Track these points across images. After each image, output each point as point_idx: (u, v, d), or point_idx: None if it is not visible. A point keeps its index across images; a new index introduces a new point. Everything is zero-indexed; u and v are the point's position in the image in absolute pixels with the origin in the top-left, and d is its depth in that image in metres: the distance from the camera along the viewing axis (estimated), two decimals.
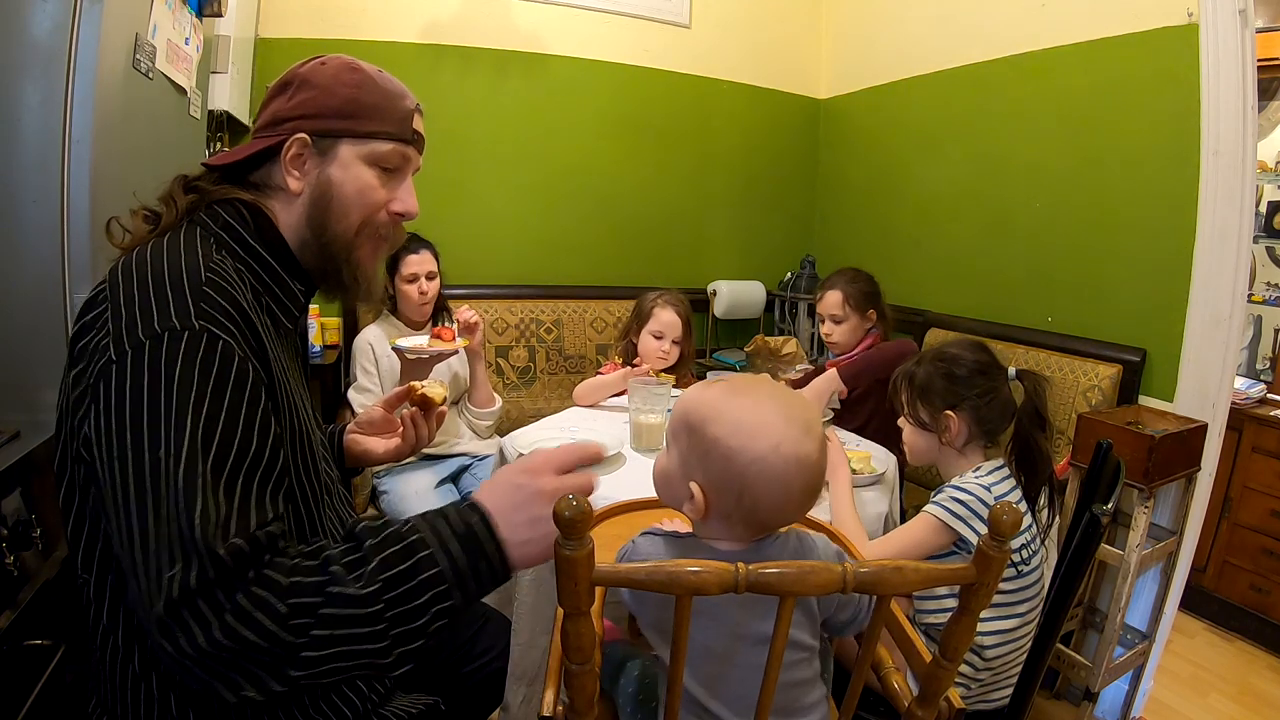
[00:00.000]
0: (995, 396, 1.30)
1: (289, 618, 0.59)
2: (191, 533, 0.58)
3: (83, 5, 1.00)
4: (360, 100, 0.81)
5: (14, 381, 1.00)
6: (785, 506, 0.75)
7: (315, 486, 0.81)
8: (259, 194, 0.82)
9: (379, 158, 0.82)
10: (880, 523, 1.42)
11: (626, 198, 2.82)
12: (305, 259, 0.84)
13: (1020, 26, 2.20)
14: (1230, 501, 2.37)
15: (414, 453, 1.11)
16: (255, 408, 0.67)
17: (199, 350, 0.64)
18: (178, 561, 0.58)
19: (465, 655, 1.15)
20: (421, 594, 0.64)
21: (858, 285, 2.00)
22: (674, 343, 1.97)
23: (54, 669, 0.89)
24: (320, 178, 0.81)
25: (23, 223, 1.01)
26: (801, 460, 0.73)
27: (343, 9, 2.34)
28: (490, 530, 0.68)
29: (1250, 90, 1.63)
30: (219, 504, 0.61)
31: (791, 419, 0.74)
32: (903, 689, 0.89)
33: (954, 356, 1.34)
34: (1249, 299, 2.17)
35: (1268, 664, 2.20)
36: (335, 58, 0.82)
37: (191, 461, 0.61)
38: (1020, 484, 1.29)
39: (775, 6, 2.97)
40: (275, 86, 0.83)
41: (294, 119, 0.80)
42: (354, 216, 0.82)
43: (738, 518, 0.76)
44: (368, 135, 0.81)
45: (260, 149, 0.80)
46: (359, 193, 0.82)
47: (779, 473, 0.72)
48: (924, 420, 1.34)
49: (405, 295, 2.00)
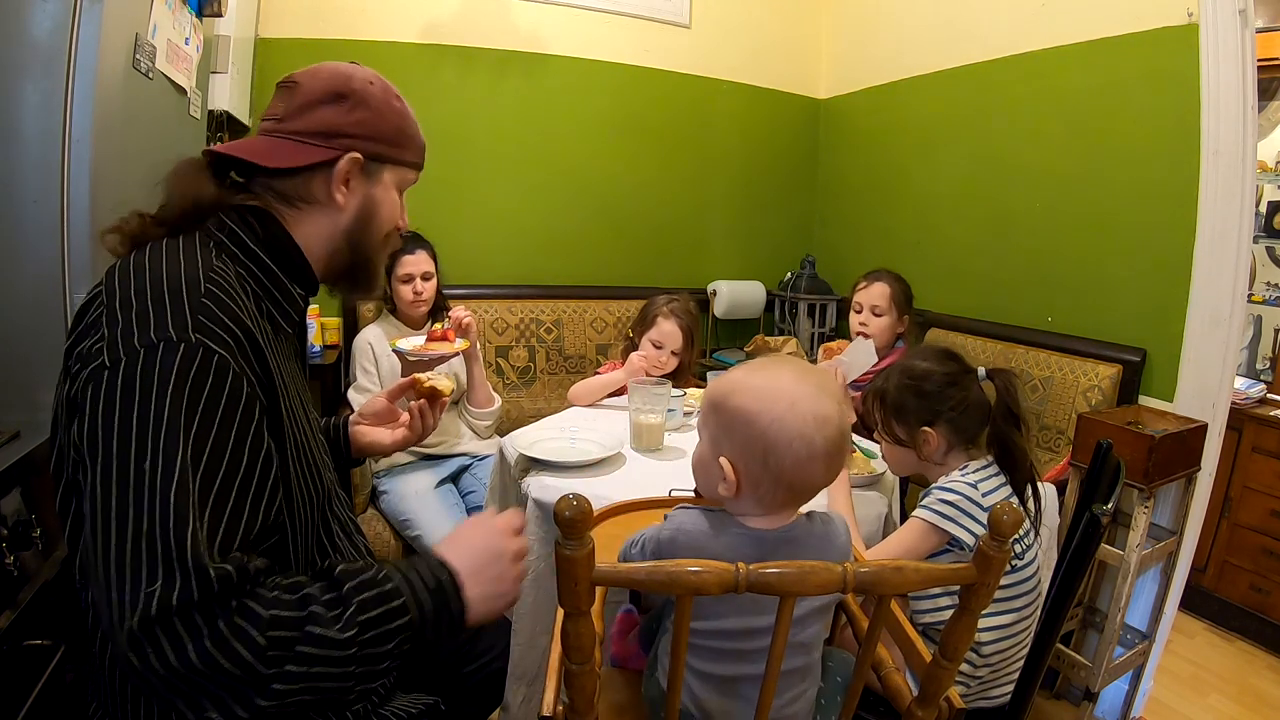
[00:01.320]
0: (969, 405, 1.28)
1: (266, 649, 0.60)
2: (179, 550, 0.58)
3: (83, 5, 1.00)
4: (404, 130, 0.87)
5: (14, 381, 1.00)
6: (810, 465, 0.77)
7: (318, 492, 0.81)
8: (280, 200, 0.82)
9: (405, 183, 0.90)
10: (880, 523, 1.42)
11: (627, 198, 2.82)
12: (332, 265, 0.87)
13: (1020, 26, 2.20)
14: (1230, 501, 2.37)
15: (419, 441, 1.17)
16: (247, 424, 0.67)
17: (193, 364, 0.64)
18: (158, 578, 0.58)
19: (465, 655, 1.15)
20: (391, 640, 0.67)
21: (902, 285, 2.01)
22: (673, 353, 1.97)
23: (54, 669, 0.89)
24: (366, 197, 0.85)
25: (23, 223, 1.00)
26: (820, 416, 0.76)
27: (343, 9, 2.34)
28: (457, 589, 0.72)
29: (1250, 90, 1.63)
30: (207, 522, 0.61)
31: (804, 380, 0.78)
32: (903, 689, 0.89)
33: (924, 372, 1.31)
34: (1249, 299, 2.17)
35: (1268, 664, 2.20)
36: (376, 77, 0.86)
37: (183, 477, 0.61)
38: (1007, 477, 1.28)
39: (775, 6, 2.97)
40: (324, 93, 0.81)
41: (350, 136, 0.82)
42: (385, 232, 0.89)
43: (767, 485, 0.78)
44: (406, 164, 0.89)
45: (316, 161, 0.81)
46: (391, 213, 0.89)
47: (798, 429, 0.75)
48: (901, 438, 1.33)
49: (400, 295, 2.01)
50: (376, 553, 1.82)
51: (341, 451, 1.13)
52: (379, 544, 1.87)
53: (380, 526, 1.90)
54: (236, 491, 0.65)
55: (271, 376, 0.72)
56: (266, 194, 0.82)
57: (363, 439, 1.13)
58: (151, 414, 0.61)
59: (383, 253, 0.91)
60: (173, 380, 0.62)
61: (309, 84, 0.82)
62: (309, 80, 0.82)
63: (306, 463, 0.79)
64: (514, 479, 1.45)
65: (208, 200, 0.78)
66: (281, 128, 0.82)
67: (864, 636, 0.85)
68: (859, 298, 2.06)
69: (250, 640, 0.59)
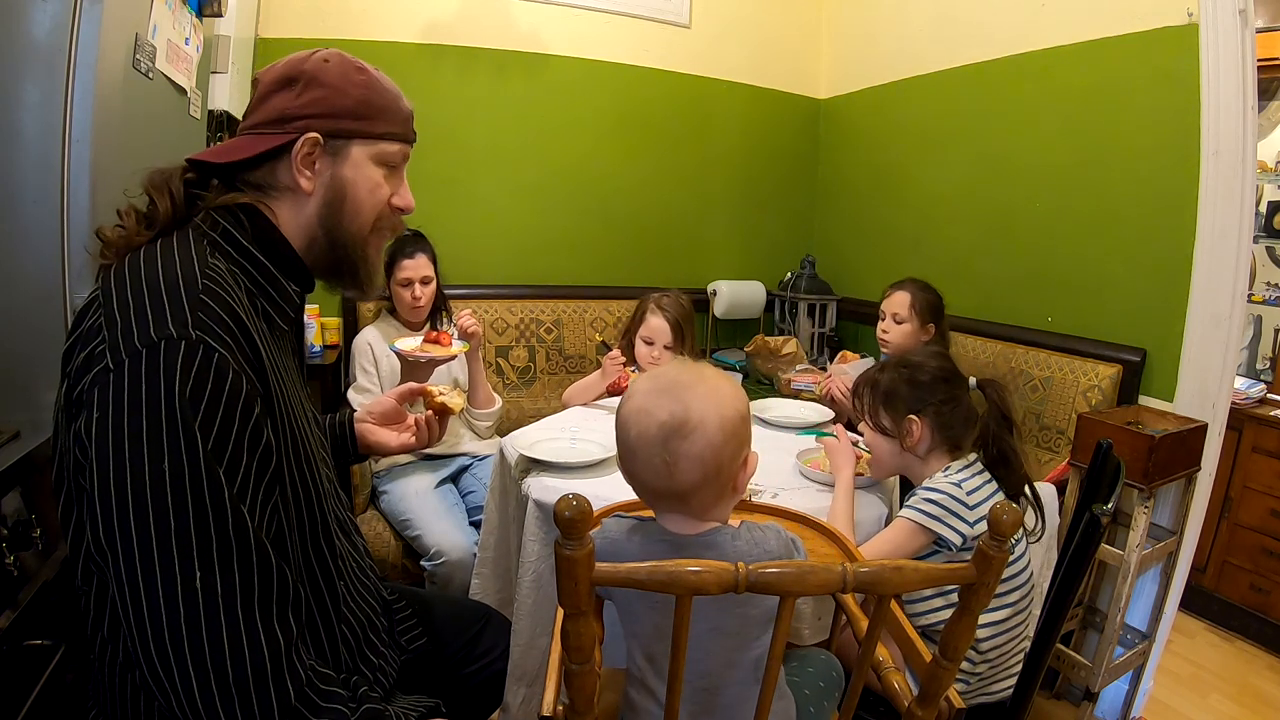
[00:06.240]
0: (957, 404, 1.33)
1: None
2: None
3: (83, 5, 1.00)
4: (371, 102, 0.82)
5: (14, 381, 1.00)
6: (634, 457, 0.81)
7: (315, 490, 0.81)
8: (259, 194, 0.81)
9: (386, 157, 0.84)
10: (879, 525, 1.41)
11: (627, 198, 2.82)
12: (313, 257, 0.84)
13: (1020, 26, 2.20)
14: (1230, 501, 2.37)
15: (423, 449, 1.19)
16: (247, 421, 0.67)
17: (195, 361, 0.64)
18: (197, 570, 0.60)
19: (466, 657, 1.15)
20: None
21: (926, 295, 2.02)
22: (665, 348, 1.97)
23: (54, 669, 0.89)
24: (333, 178, 0.81)
25: (23, 223, 1.00)
26: (641, 410, 0.79)
27: (343, 9, 2.34)
28: None
29: (1250, 90, 1.63)
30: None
31: (656, 377, 0.83)
32: (903, 689, 0.89)
33: (917, 364, 1.37)
34: (1249, 299, 2.16)
35: (1268, 664, 2.20)
36: (335, 54, 0.82)
37: (210, 474, 0.62)
38: (1000, 484, 1.30)
39: (775, 6, 2.97)
40: (275, 81, 0.80)
41: (305, 118, 0.79)
42: (366, 215, 0.84)
43: (636, 487, 0.84)
44: (378, 136, 0.82)
45: (270, 148, 0.79)
46: (370, 192, 0.83)
47: (621, 419, 0.82)
48: (886, 426, 1.36)
49: (399, 298, 2.01)
50: (376, 553, 1.83)
51: (346, 447, 1.13)
52: (379, 544, 1.87)
53: (380, 526, 1.90)
54: (239, 486, 0.65)
55: (266, 374, 0.72)
56: (248, 190, 0.81)
57: (369, 437, 1.14)
58: (163, 413, 0.61)
59: (370, 240, 0.86)
60: (177, 377, 0.62)
61: (265, 76, 0.82)
62: (266, 73, 0.82)
63: (303, 461, 0.79)
64: (514, 479, 1.45)
65: (182, 200, 0.77)
66: (244, 124, 0.82)
67: (864, 636, 0.85)
68: (883, 305, 2.09)
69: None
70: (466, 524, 1.85)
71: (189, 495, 0.61)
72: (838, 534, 1.14)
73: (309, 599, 0.79)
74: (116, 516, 0.61)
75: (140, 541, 0.60)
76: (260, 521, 0.67)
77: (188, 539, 0.61)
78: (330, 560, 0.83)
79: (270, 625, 0.65)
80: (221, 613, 0.62)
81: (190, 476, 0.61)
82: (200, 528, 0.62)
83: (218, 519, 0.63)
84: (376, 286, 0.92)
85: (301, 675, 0.67)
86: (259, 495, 0.68)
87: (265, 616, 0.65)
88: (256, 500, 0.67)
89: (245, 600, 0.64)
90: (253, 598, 0.64)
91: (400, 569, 1.86)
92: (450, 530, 1.78)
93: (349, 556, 0.92)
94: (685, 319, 1.99)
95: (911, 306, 2.00)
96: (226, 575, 0.63)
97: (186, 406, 0.62)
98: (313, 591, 0.80)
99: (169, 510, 0.61)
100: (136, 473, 0.60)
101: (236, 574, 0.63)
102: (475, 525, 1.80)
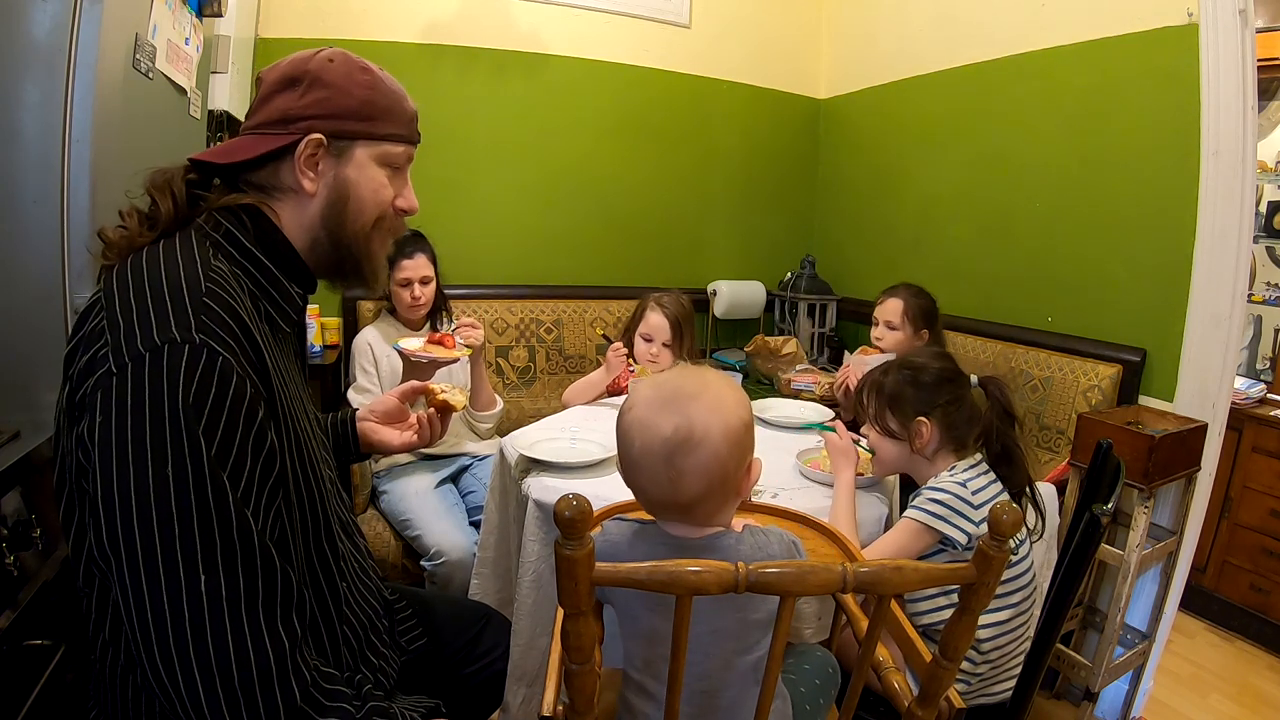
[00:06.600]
0: (962, 403, 1.34)
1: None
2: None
3: (83, 5, 1.00)
4: (375, 103, 0.81)
5: (14, 382, 1.00)
6: (637, 470, 0.80)
7: (318, 492, 0.81)
8: (262, 195, 0.80)
9: (390, 159, 0.84)
10: (880, 525, 1.41)
11: (626, 198, 2.82)
12: (315, 257, 0.84)
13: (1020, 26, 2.20)
14: (1230, 501, 2.37)
15: (425, 447, 1.18)
16: (251, 425, 0.67)
17: (199, 365, 0.63)
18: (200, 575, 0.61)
19: (466, 657, 1.15)
20: None
21: (920, 301, 2.02)
22: (664, 345, 1.97)
23: (54, 669, 0.89)
24: (336, 179, 0.81)
25: (23, 223, 1.00)
26: (643, 422, 0.79)
27: (343, 9, 2.34)
28: None
29: (1250, 90, 1.63)
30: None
31: (658, 386, 0.82)
32: (903, 689, 0.89)
33: (920, 365, 1.37)
34: (1249, 299, 2.16)
35: (1268, 664, 2.20)
36: (340, 54, 0.81)
37: (214, 479, 0.62)
38: (1003, 482, 1.30)
39: (775, 6, 2.97)
40: (279, 81, 0.80)
41: (308, 118, 0.78)
42: (369, 215, 0.84)
43: (639, 496, 0.83)
44: (382, 137, 0.82)
45: (273, 148, 0.78)
46: (373, 193, 0.83)
47: (622, 430, 0.81)
48: (893, 429, 1.37)
49: (399, 298, 2.01)
50: (376, 553, 1.83)
51: (348, 445, 1.13)
52: (379, 544, 1.87)
53: (380, 526, 1.90)
54: (242, 489, 0.65)
55: (269, 377, 0.72)
56: (251, 191, 0.80)
57: (371, 436, 1.14)
58: (167, 418, 0.61)
59: (373, 239, 0.86)
60: (181, 384, 0.62)
61: (269, 76, 0.81)
62: (269, 72, 0.82)
63: (306, 463, 0.79)
64: (514, 479, 1.45)
65: (184, 200, 0.77)
66: (247, 124, 0.82)
67: (864, 636, 0.85)
68: (875, 312, 2.09)
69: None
70: (466, 524, 1.85)
71: (193, 500, 0.61)
72: (838, 534, 1.14)
73: (312, 600, 0.79)
74: (120, 521, 0.60)
75: (144, 546, 0.60)
76: (264, 524, 0.67)
77: (191, 544, 0.61)
78: (333, 561, 0.83)
79: (275, 628, 0.65)
80: (226, 616, 0.62)
81: (194, 481, 0.61)
82: (204, 532, 0.61)
83: (221, 523, 0.62)
84: (382, 282, 0.91)
85: (306, 676, 0.67)
86: (263, 498, 0.68)
87: (270, 619, 0.65)
88: (260, 503, 0.67)
89: (249, 603, 0.63)
90: (257, 601, 0.64)
91: (400, 569, 1.86)
92: (450, 530, 1.78)
93: (351, 557, 0.92)
94: (684, 317, 2.00)
95: (905, 313, 2.01)
96: (230, 579, 0.62)
97: (190, 411, 0.62)
98: (315, 593, 0.80)
99: (173, 515, 0.61)
100: (140, 478, 0.60)
101: (240, 577, 0.63)
102: (475, 525, 1.80)
